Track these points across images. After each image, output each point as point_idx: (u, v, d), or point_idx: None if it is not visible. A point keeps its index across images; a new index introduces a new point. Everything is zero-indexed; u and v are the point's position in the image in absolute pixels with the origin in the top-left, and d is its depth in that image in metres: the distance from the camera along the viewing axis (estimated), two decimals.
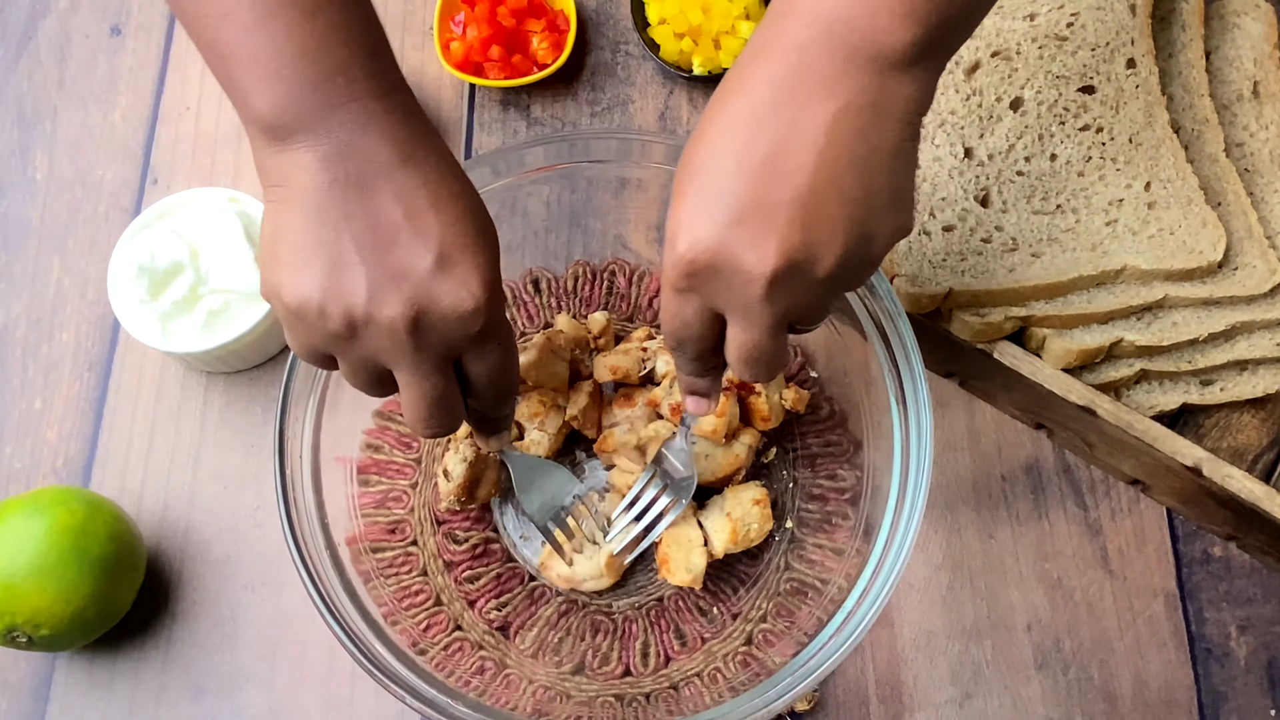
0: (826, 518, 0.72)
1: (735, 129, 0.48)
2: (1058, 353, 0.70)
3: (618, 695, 0.68)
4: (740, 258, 0.47)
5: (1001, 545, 0.75)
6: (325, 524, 0.63)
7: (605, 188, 0.73)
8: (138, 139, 0.85)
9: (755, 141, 0.47)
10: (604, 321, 0.76)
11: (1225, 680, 0.72)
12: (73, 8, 0.89)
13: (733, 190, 0.47)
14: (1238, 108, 0.76)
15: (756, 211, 0.47)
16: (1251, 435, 0.74)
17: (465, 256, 0.50)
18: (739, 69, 0.49)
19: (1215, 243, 0.70)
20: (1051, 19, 0.76)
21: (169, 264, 0.73)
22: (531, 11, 0.84)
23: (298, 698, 0.72)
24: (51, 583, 0.66)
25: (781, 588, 0.71)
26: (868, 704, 0.72)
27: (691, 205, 0.48)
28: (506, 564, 0.73)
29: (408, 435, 0.74)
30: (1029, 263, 0.70)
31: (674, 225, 0.49)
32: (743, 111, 0.48)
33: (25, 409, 0.78)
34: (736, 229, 0.47)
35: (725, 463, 0.71)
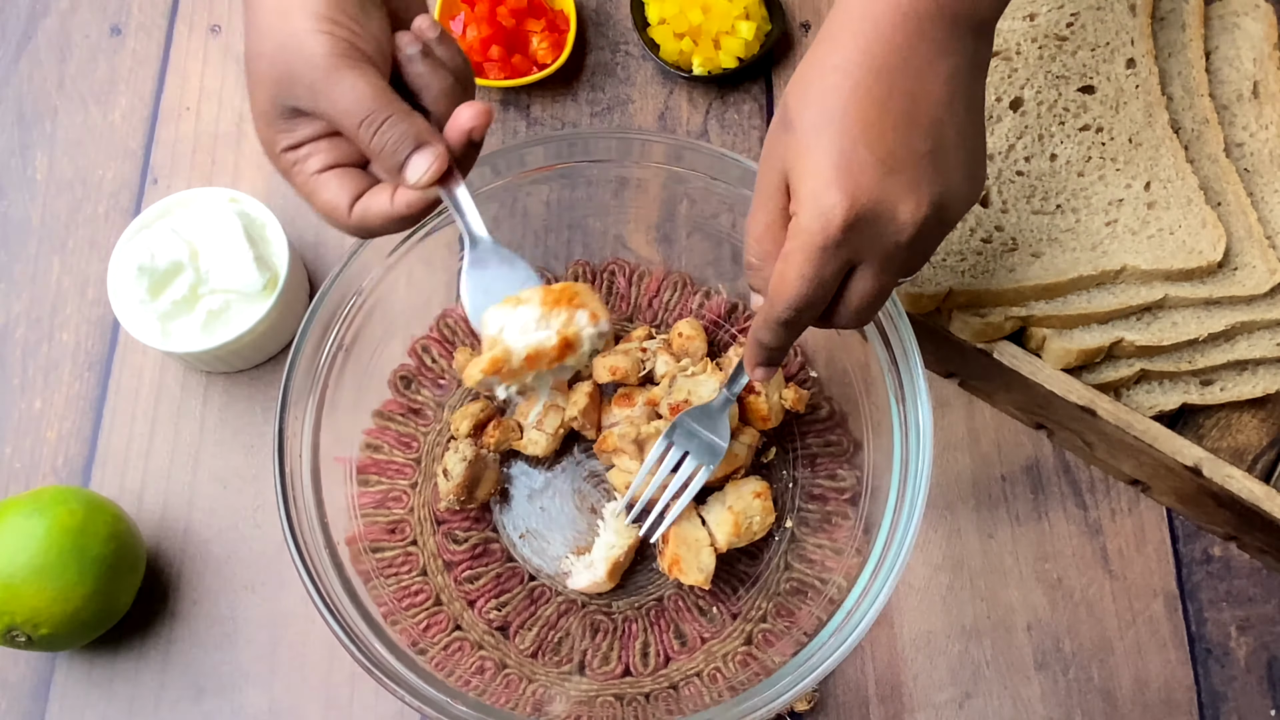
0: (826, 517, 0.72)
1: (868, 88, 0.50)
2: (1058, 353, 0.70)
3: (618, 695, 0.68)
4: (898, 206, 0.50)
5: (1001, 545, 0.75)
6: (325, 524, 0.63)
7: (605, 188, 0.73)
8: (138, 139, 0.85)
9: (890, 97, 0.50)
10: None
11: (1225, 680, 0.72)
12: (73, 8, 0.89)
13: (882, 141, 0.50)
14: (1237, 108, 0.76)
15: (908, 160, 0.50)
16: (1251, 435, 0.74)
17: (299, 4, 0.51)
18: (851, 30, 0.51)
19: (1215, 243, 0.70)
20: (1051, 19, 0.76)
21: (169, 264, 0.73)
22: (531, 11, 0.84)
23: (298, 698, 0.72)
24: (51, 582, 0.66)
25: (781, 587, 0.71)
26: (868, 704, 0.72)
27: (840, 160, 0.50)
28: (506, 564, 0.73)
29: (408, 435, 0.74)
30: (1029, 263, 0.70)
31: (821, 182, 0.50)
32: (871, 69, 0.50)
33: (25, 409, 0.78)
34: (894, 177, 0.50)
35: (725, 462, 0.71)
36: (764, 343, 0.56)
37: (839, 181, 0.49)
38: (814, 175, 0.50)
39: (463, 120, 0.53)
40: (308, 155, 0.54)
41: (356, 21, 0.51)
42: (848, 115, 0.50)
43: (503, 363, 0.54)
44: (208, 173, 0.84)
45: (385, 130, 0.51)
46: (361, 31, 0.51)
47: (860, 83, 0.50)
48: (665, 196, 0.73)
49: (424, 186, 0.53)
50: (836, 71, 0.51)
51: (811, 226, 0.50)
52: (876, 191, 0.50)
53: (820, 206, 0.50)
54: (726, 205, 0.71)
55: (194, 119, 0.86)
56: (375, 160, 0.53)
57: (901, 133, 0.50)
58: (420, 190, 0.53)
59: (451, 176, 0.54)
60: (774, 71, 0.87)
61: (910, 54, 0.50)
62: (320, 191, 0.53)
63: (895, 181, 0.50)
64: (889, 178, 0.50)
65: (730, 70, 0.84)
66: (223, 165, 0.84)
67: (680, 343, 0.74)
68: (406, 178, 0.53)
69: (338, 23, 0.51)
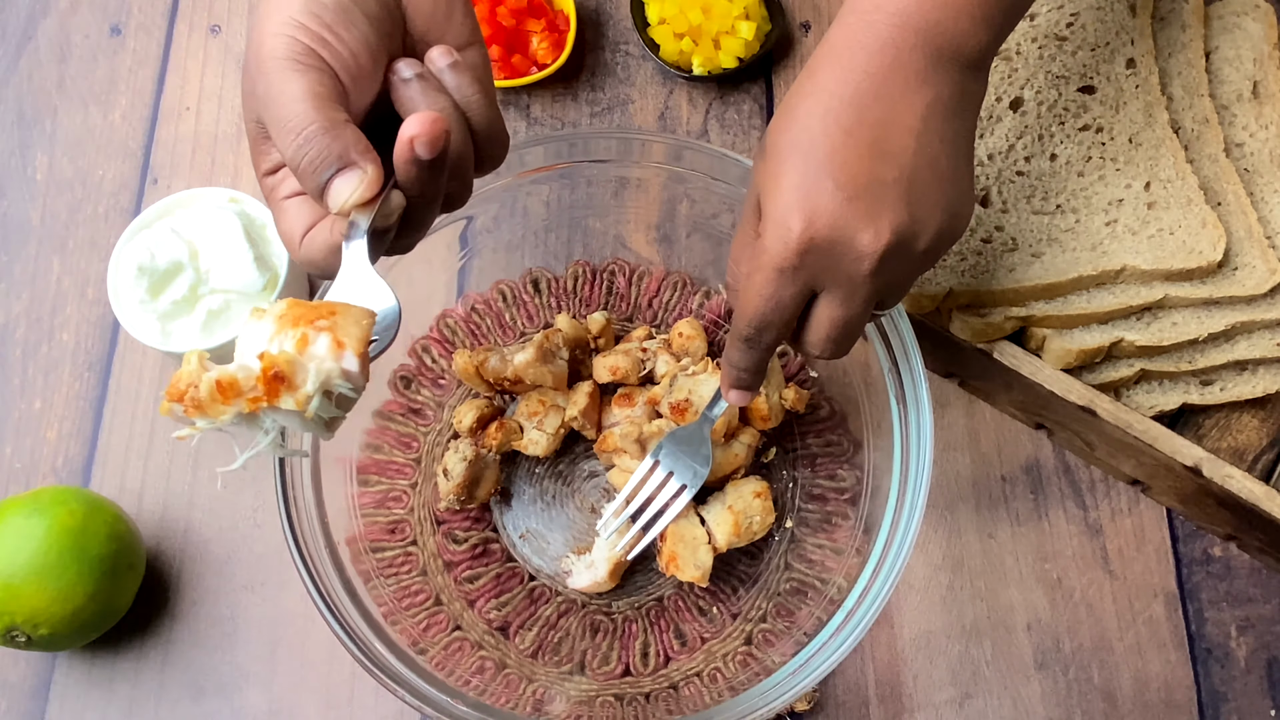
0: (826, 517, 0.72)
1: (837, 116, 0.50)
2: (1058, 353, 0.70)
3: (618, 695, 0.68)
4: (857, 234, 0.50)
5: (1001, 545, 0.75)
6: (325, 524, 0.63)
7: (605, 188, 0.73)
8: (138, 139, 0.85)
9: (859, 126, 0.50)
10: (603, 321, 0.76)
11: (1225, 680, 0.72)
12: (73, 8, 0.89)
13: (845, 169, 0.50)
14: (1238, 108, 0.76)
15: (870, 189, 0.50)
16: (1251, 435, 0.74)
17: None
18: (830, 62, 0.52)
19: (1215, 243, 0.70)
20: (1051, 19, 0.76)
21: (169, 264, 0.73)
22: (531, 11, 0.84)
23: (298, 698, 0.72)
24: (51, 582, 0.66)
25: (781, 587, 0.71)
26: (868, 704, 0.72)
27: (803, 185, 0.50)
28: (506, 564, 0.73)
29: (408, 435, 0.74)
30: (1029, 263, 0.70)
31: (784, 205, 0.50)
32: (840, 102, 0.51)
33: (25, 409, 0.78)
34: (854, 205, 0.49)
35: (725, 462, 0.71)
36: (732, 361, 0.57)
37: (799, 205, 0.50)
38: (778, 199, 0.51)
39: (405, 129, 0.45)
40: (282, 179, 0.49)
41: (330, 30, 0.46)
42: (815, 142, 0.50)
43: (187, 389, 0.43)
44: (208, 173, 0.84)
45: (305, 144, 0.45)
46: (332, 39, 0.46)
47: (831, 110, 0.51)
48: (665, 196, 0.73)
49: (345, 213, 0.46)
50: (811, 98, 0.51)
51: (771, 248, 0.51)
52: (835, 218, 0.49)
53: (780, 229, 0.50)
54: (726, 205, 0.71)
55: (194, 119, 0.86)
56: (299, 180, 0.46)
57: (867, 162, 0.50)
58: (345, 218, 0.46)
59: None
60: (774, 71, 0.87)
61: (885, 84, 0.51)
62: (279, 219, 0.49)
63: (855, 209, 0.49)
64: (848, 204, 0.49)
65: (730, 70, 0.84)
66: (223, 165, 0.84)
67: (680, 343, 0.74)
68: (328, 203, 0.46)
69: (305, 28, 0.46)
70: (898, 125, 0.50)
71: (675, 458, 0.69)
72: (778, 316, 0.53)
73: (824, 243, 0.50)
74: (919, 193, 0.51)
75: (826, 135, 0.50)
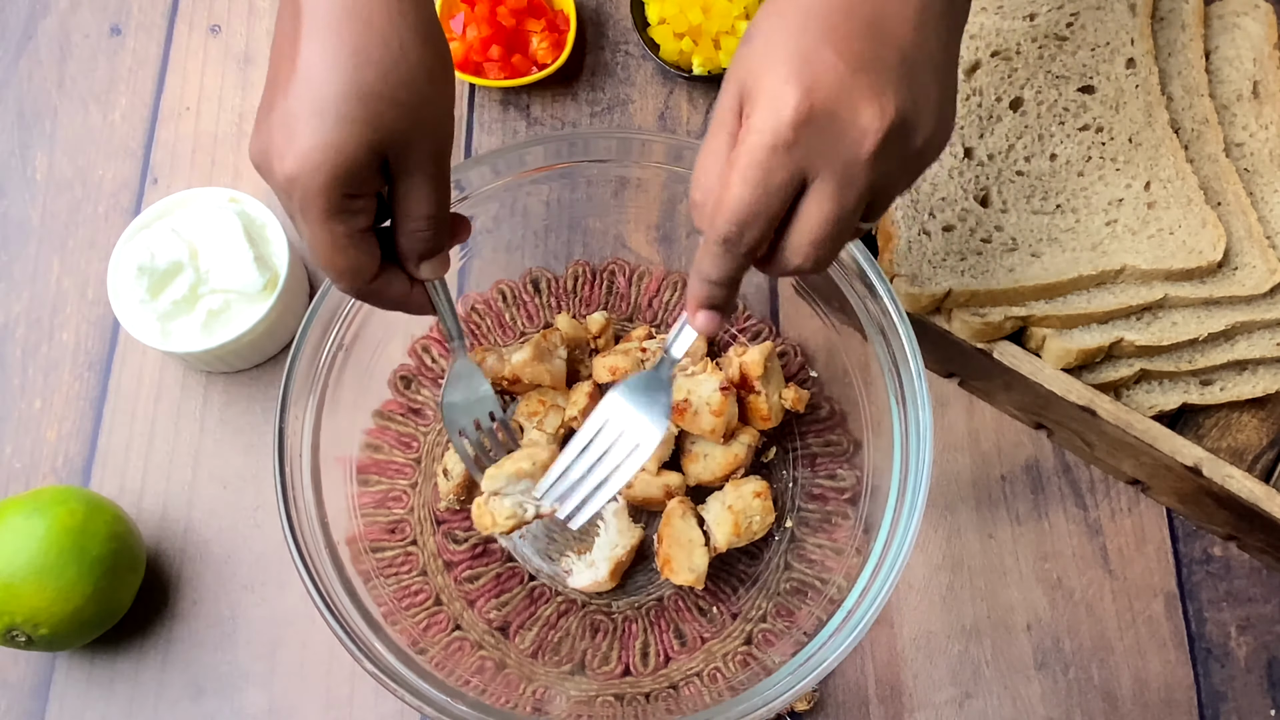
0: (826, 517, 0.72)
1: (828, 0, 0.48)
2: (1058, 353, 0.70)
3: (618, 695, 0.68)
4: (860, 107, 0.46)
5: (1001, 545, 0.75)
6: (325, 524, 0.63)
7: (605, 188, 0.73)
8: (138, 139, 0.85)
9: (861, 6, 0.47)
10: (603, 321, 0.76)
11: (1225, 680, 0.72)
12: (73, 8, 0.89)
13: (848, 42, 0.47)
14: (1237, 108, 0.76)
15: (874, 65, 0.47)
16: (1251, 435, 0.74)
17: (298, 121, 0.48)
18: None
19: (1215, 243, 0.70)
20: (1051, 19, 0.76)
21: (169, 264, 0.73)
22: (531, 11, 0.84)
23: (298, 698, 0.72)
24: (51, 582, 0.66)
25: (781, 587, 0.71)
26: (868, 704, 0.72)
27: (801, 56, 0.46)
28: (506, 564, 0.73)
29: (408, 435, 0.74)
30: (1029, 263, 0.70)
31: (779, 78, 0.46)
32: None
33: (25, 409, 0.78)
34: (858, 77, 0.46)
35: (724, 462, 0.71)
36: (704, 273, 0.50)
37: (797, 75, 0.46)
38: (770, 74, 0.47)
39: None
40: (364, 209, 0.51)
41: None
42: (810, 18, 0.47)
43: None
44: (208, 173, 0.84)
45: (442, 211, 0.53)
46: None
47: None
48: (665, 196, 0.73)
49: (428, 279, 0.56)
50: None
51: (763, 125, 0.46)
52: (837, 88, 0.46)
53: (774, 103, 0.46)
54: None
55: (194, 119, 0.86)
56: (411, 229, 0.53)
57: (868, 41, 0.47)
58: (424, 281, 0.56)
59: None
60: None
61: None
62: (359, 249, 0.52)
63: (859, 81, 0.46)
64: (853, 76, 0.46)
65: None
66: (223, 165, 0.84)
67: None
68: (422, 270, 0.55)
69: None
70: (895, 15, 0.48)
71: (630, 409, 0.59)
72: (765, 206, 0.47)
73: (824, 115, 0.46)
74: (918, 80, 0.48)
75: (824, 13, 0.47)
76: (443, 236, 0.54)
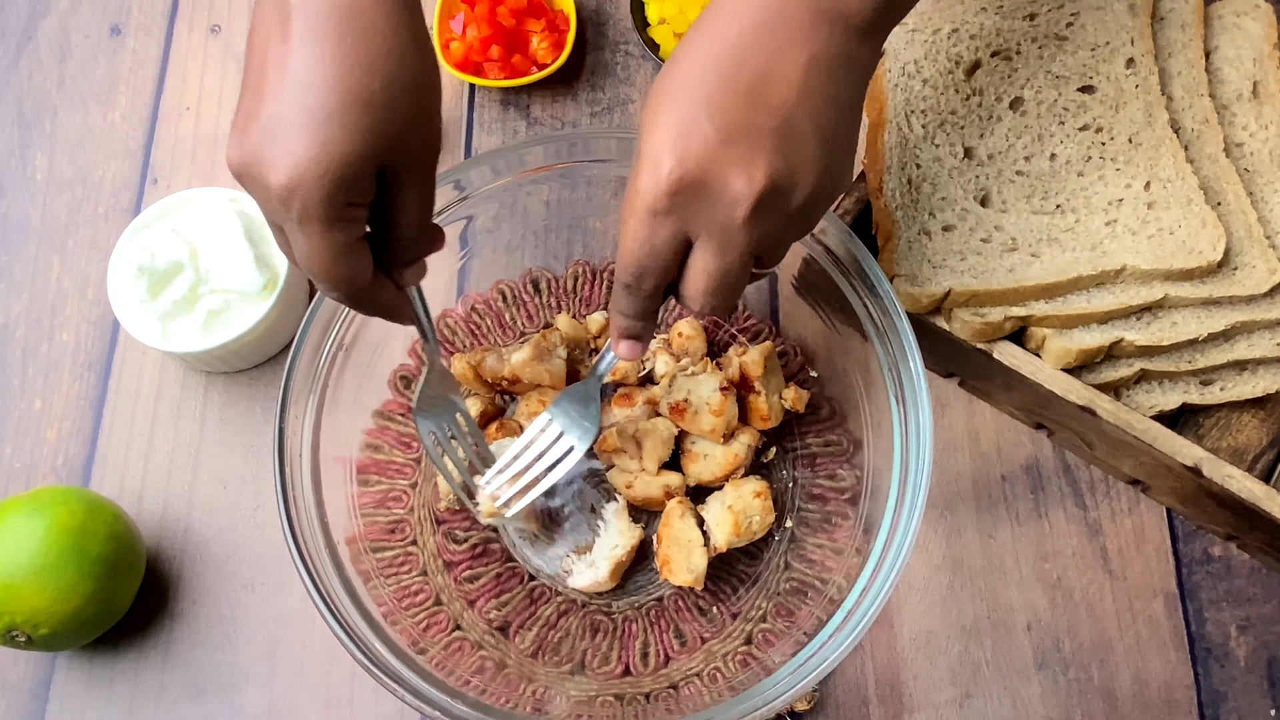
0: (826, 517, 0.72)
1: (718, 61, 0.50)
2: (1058, 353, 0.70)
3: (618, 695, 0.68)
4: (729, 177, 0.49)
5: (1001, 545, 0.75)
6: (325, 524, 0.63)
7: (605, 188, 0.73)
8: (138, 139, 0.85)
9: (739, 73, 0.49)
10: (603, 321, 0.76)
11: (1225, 680, 0.72)
12: (73, 8, 0.89)
13: (722, 113, 0.49)
14: (1238, 108, 0.76)
15: (746, 134, 0.49)
16: (1251, 435, 0.74)
17: (295, 128, 0.48)
18: (715, 12, 0.51)
19: (1215, 243, 0.70)
20: (1051, 19, 0.76)
21: (169, 264, 0.73)
22: (531, 11, 0.84)
23: (298, 698, 0.72)
24: (51, 582, 0.66)
25: (781, 587, 0.71)
26: (868, 704, 0.72)
27: (679, 125, 0.49)
28: (506, 564, 0.73)
29: (408, 435, 0.74)
30: (1029, 263, 0.70)
31: (657, 144, 0.49)
32: (723, 47, 0.50)
33: (25, 409, 0.78)
34: (729, 148, 0.49)
35: (724, 462, 0.71)
36: (618, 307, 0.55)
37: (671, 144, 0.49)
38: (652, 139, 0.50)
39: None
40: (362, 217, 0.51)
41: None
42: (693, 85, 0.50)
43: None
44: (208, 173, 0.84)
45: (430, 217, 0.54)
46: None
47: (712, 55, 0.50)
48: None
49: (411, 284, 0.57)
50: (693, 46, 0.51)
51: (643, 188, 0.50)
52: (708, 159, 0.49)
53: (651, 168, 0.49)
54: None
55: (194, 119, 0.86)
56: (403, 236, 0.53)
57: (744, 109, 0.49)
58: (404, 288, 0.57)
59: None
60: None
61: (767, 35, 0.50)
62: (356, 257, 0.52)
63: (730, 152, 0.49)
64: (723, 147, 0.49)
65: None
66: (223, 165, 0.84)
67: (680, 343, 0.74)
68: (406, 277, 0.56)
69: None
70: (777, 76, 0.49)
71: (567, 416, 0.66)
72: (652, 262, 0.51)
73: (695, 184, 0.49)
74: (796, 144, 0.50)
75: (704, 80, 0.49)
76: (429, 243, 0.56)
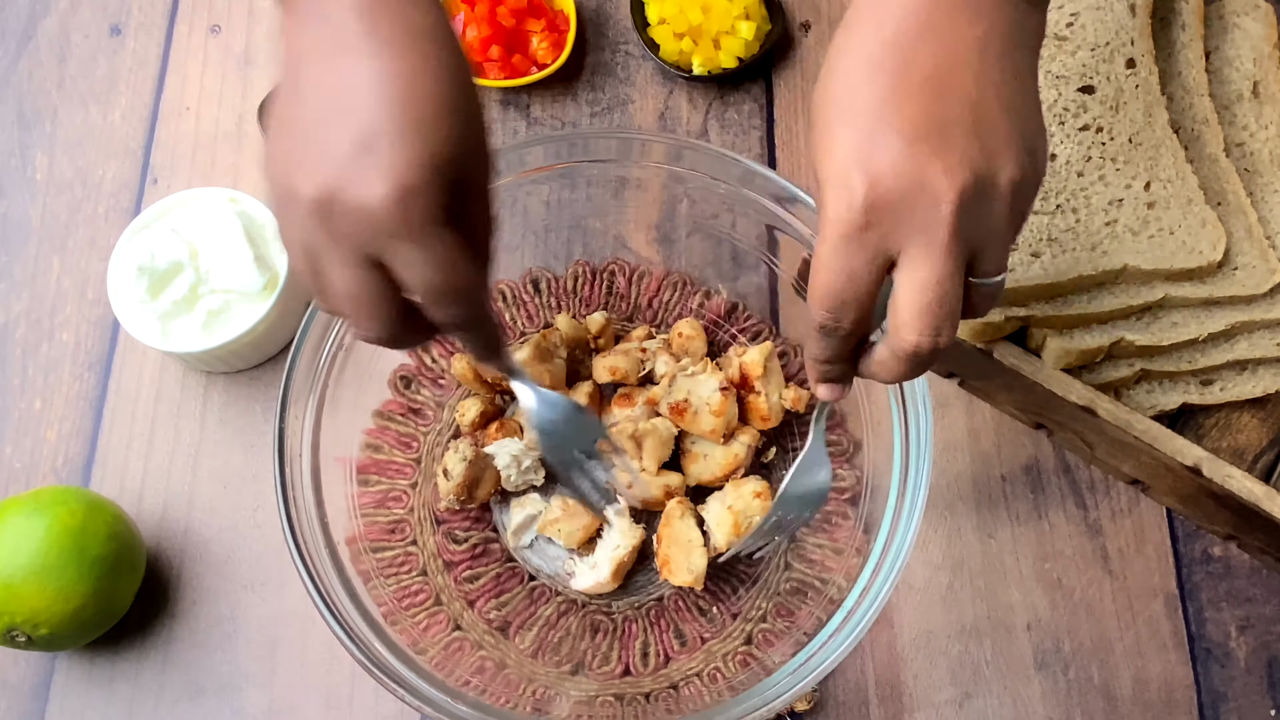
0: (826, 517, 0.72)
1: (882, 61, 0.46)
2: (1058, 353, 0.70)
3: (618, 695, 0.68)
4: (927, 177, 0.45)
5: (1001, 545, 0.75)
6: (325, 524, 0.63)
7: (605, 188, 0.73)
8: (138, 139, 0.85)
9: (910, 69, 0.46)
10: (602, 322, 0.76)
11: (1225, 680, 0.72)
12: (73, 8, 0.89)
13: (902, 114, 0.45)
14: (1238, 108, 0.76)
15: (932, 129, 0.45)
16: (1251, 435, 0.74)
17: (390, 145, 0.45)
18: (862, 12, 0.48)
19: (1215, 243, 0.70)
20: (1051, 19, 0.76)
21: (169, 264, 0.73)
22: (531, 11, 0.84)
23: (298, 698, 0.72)
24: (51, 582, 0.66)
25: (781, 587, 0.71)
26: (868, 704, 0.72)
27: (860, 139, 0.46)
28: (506, 564, 0.73)
29: (408, 435, 0.74)
30: (1029, 263, 0.70)
31: (840, 165, 0.46)
32: (883, 46, 0.47)
33: (25, 409, 0.78)
34: (918, 147, 0.45)
35: (724, 462, 0.71)
36: (814, 355, 0.51)
37: (858, 163, 0.45)
38: (833, 163, 0.46)
39: None
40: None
41: None
42: (861, 93, 0.46)
43: None
44: (208, 173, 0.84)
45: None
46: None
47: (874, 57, 0.46)
48: (665, 196, 0.73)
49: None
50: (849, 53, 0.47)
51: (834, 215, 0.46)
52: (899, 166, 0.45)
53: (840, 191, 0.46)
54: (726, 205, 0.71)
55: (194, 119, 0.86)
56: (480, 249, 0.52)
57: (923, 102, 0.45)
58: None
59: None
60: (774, 71, 0.87)
61: (931, 20, 0.46)
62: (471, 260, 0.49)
63: (920, 151, 0.45)
64: (911, 149, 0.45)
65: (730, 70, 0.84)
66: (223, 165, 0.84)
67: (680, 343, 0.74)
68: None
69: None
70: (952, 64, 0.46)
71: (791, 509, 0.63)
72: (852, 292, 0.47)
73: (893, 196, 0.45)
74: (989, 128, 0.46)
75: (874, 85, 0.46)
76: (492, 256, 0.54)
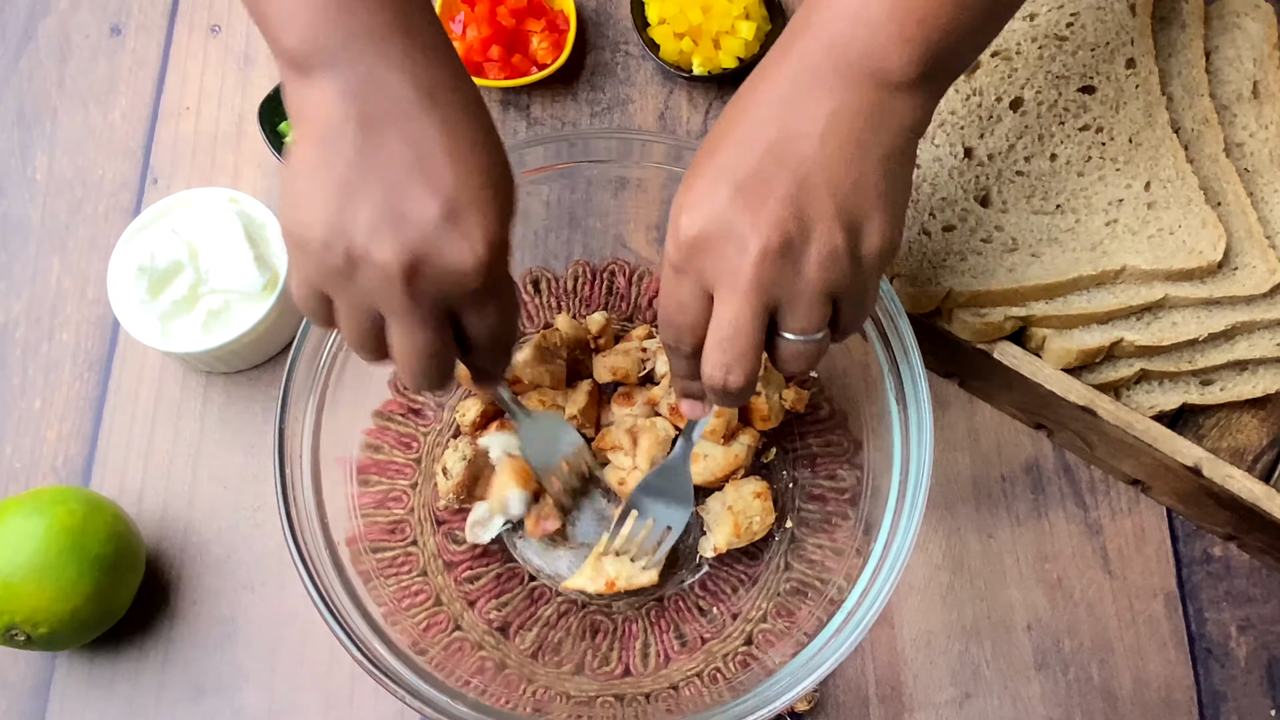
0: (826, 518, 0.72)
1: (742, 125, 0.51)
2: (1058, 353, 0.70)
3: (618, 695, 0.68)
4: (735, 225, 0.49)
5: (1001, 545, 0.75)
6: (325, 524, 0.63)
7: (605, 188, 0.73)
8: (138, 139, 0.85)
9: (760, 133, 0.51)
10: (603, 321, 0.76)
11: (1225, 680, 0.72)
12: (73, 8, 0.89)
13: (735, 169, 0.50)
14: (1238, 108, 0.76)
15: (753, 185, 0.50)
16: (1251, 435, 0.74)
17: (473, 211, 0.50)
18: (754, 76, 0.53)
19: (1215, 243, 0.70)
20: (1051, 19, 0.76)
21: (169, 264, 0.73)
22: (531, 11, 0.84)
23: (298, 698, 0.72)
24: (51, 582, 0.66)
25: (781, 588, 0.71)
26: (868, 704, 0.72)
27: (700, 188, 0.51)
28: (506, 564, 0.73)
29: (408, 435, 0.74)
30: (1029, 263, 0.70)
31: (678, 208, 0.51)
32: (748, 113, 0.52)
33: (25, 409, 0.78)
34: (738, 201, 0.50)
35: (724, 462, 0.71)
36: (673, 371, 0.58)
37: (692, 204, 0.51)
38: (676, 205, 0.52)
39: None
40: None
41: None
42: (716, 149, 0.51)
43: None
44: (208, 173, 0.84)
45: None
46: None
47: (738, 123, 0.52)
48: (665, 196, 0.73)
49: None
50: (725, 118, 0.53)
51: (667, 249, 0.52)
52: (720, 212, 0.50)
53: (672, 229, 0.51)
54: None
55: (194, 119, 0.86)
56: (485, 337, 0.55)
57: (761, 163, 0.50)
58: None
59: None
60: None
61: (792, 97, 0.51)
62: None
63: (739, 203, 0.49)
64: (734, 199, 0.50)
65: (730, 70, 0.84)
66: (223, 165, 0.84)
67: None
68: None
69: None
70: (796, 134, 0.50)
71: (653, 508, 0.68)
72: (680, 318, 0.53)
73: (703, 238, 0.50)
74: (809, 195, 0.49)
75: (727, 145, 0.51)
76: None
